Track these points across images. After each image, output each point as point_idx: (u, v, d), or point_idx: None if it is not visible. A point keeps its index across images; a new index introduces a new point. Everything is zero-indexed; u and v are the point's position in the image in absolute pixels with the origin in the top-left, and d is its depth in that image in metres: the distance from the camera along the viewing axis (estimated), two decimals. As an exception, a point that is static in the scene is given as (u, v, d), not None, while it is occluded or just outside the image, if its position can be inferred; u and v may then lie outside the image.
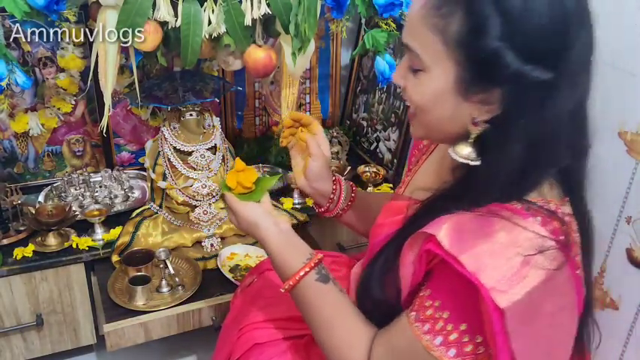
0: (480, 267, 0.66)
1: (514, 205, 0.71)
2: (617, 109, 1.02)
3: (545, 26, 0.64)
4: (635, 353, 1.04)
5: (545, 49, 0.65)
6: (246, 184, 0.91)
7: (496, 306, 0.65)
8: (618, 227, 1.04)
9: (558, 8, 0.64)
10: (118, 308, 1.28)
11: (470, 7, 0.65)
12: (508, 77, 0.65)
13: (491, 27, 0.64)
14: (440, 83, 0.71)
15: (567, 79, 0.67)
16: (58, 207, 1.44)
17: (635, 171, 1.00)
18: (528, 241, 0.68)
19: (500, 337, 0.66)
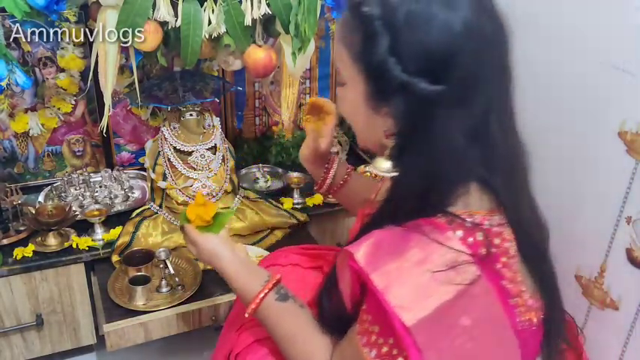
0: (388, 285, 0.69)
1: (438, 218, 0.73)
2: (617, 109, 1.02)
3: (429, 41, 0.68)
4: (635, 353, 1.04)
5: (431, 63, 0.68)
6: (205, 217, 0.96)
7: (402, 323, 0.67)
8: (618, 227, 1.04)
9: (443, 24, 0.68)
10: (118, 308, 1.28)
11: (365, 24, 0.71)
12: (398, 89, 0.70)
13: (380, 41, 0.69)
14: (353, 96, 0.77)
15: (458, 94, 0.69)
16: (58, 207, 1.44)
17: (635, 171, 1.00)
18: (441, 258, 0.70)
19: (412, 351, 0.68)
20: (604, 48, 1.04)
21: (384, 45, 0.69)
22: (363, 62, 0.73)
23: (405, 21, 0.68)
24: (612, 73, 1.02)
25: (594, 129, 1.07)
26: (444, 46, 0.68)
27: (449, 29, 0.68)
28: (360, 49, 0.73)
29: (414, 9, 0.68)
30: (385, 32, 0.69)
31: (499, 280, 0.74)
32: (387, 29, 0.69)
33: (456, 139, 0.71)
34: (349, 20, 0.75)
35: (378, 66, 0.70)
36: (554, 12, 1.14)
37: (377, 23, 0.70)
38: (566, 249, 1.17)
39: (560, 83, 1.14)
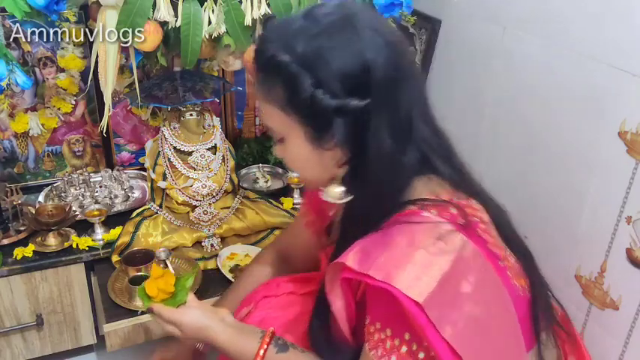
0: (389, 274, 0.71)
1: (411, 208, 0.78)
2: (617, 109, 1.02)
3: (344, 64, 0.73)
4: (635, 353, 1.04)
5: (353, 81, 0.74)
6: (168, 289, 0.90)
7: (413, 302, 0.69)
8: (618, 227, 1.04)
9: (350, 48, 0.74)
10: (118, 308, 1.28)
11: (282, 73, 0.76)
12: (334, 115, 0.75)
13: (302, 81, 0.74)
14: (297, 146, 0.81)
15: (383, 100, 0.75)
16: (58, 207, 1.44)
17: (635, 171, 1.00)
18: (426, 233, 0.74)
19: (429, 329, 0.69)
20: (604, 48, 1.04)
21: (307, 82, 0.74)
22: (294, 107, 0.77)
23: (316, 55, 0.74)
24: (612, 73, 1.02)
25: (594, 129, 1.07)
26: (358, 64, 0.73)
27: (357, 48, 0.74)
28: (287, 96, 0.77)
29: (319, 44, 0.74)
30: (303, 71, 0.74)
31: (484, 244, 0.77)
32: (303, 68, 0.74)
33: (391, 139, 0.76)
34: (265, 78, 0.79)
35: (309, 103, 0.74)
36: (554, 12, 1.14)
37: (293, 67, 0.74)
38: (566, 249, 1.17)
39: (561, 83, 1.14)
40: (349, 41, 0.74)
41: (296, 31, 0.76)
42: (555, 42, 1.15)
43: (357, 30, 0.75)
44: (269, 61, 0.77)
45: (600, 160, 1.07)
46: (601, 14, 1.04)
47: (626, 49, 0.99)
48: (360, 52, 0.74)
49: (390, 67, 0.75)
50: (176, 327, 0.90)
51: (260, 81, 0.81)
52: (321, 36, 0.74)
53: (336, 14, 0.77)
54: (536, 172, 1.24)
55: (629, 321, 1.04)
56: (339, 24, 0.76)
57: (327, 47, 0.74)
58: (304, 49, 0.74)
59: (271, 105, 0.80)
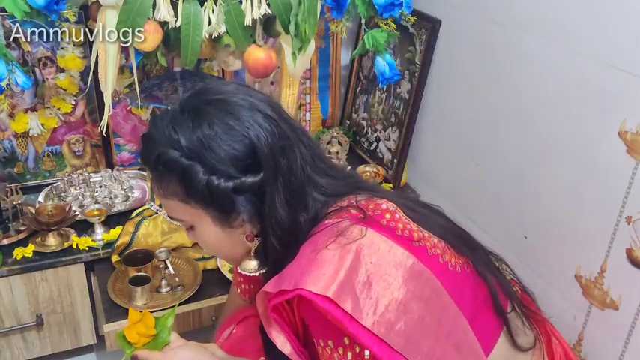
0: (298, 281, 0.73)
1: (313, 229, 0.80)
2: (617, 109, 1.02)
3: (231, 146, 0.77)
4: (635, 353, 1.04)
5: (243, 163, 0.77)
6: (148, 332, 0.88)
7: (324, 297, 0.70)
8: (618, 227, 1.04)
9: (230, 130, 0.77)
10: (118, 308, 1.28)
11: (173, 169, 0.78)
12: (234, 194, 0.78)
13: (195, 172, 0.77)
14: (207, 231, 0.83)
15: (273, 168, 0.78)
16: (58, 207, 1.44)
17: (635, 171, 1.00)
18: (325, 235, 0.76)
19: (347, 321, 0.70)
20: (604, 48, 1.04)
21: (200, 171, 0.76)
22: (194, 197, 0.79)
23: (201, 145, 0.76)
24: (612, 73, 1.02)
25: (594, 129, 1.07)
26: (243, 145, 0.77)
27: (236, 129, 0.77)
28: (184, 189, 0.79)
29: (201, 134, 0.77)
30: (193, 162, 0.77)
31: (392, 230, 0.79)
32: (192, 160, 0.77)
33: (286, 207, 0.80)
34: (158, 176, 0.81)
35: (206, 190, 0.77)
36: (554, 12, 1.14)
37: (182, 161, 0.77)
38: (566, 249, 1.17)
39: (561, 83, 1.14)
40: (228, 126, 0.77)
41: (177, 126, 0.78)
42: (555, 42, 1.15)
43: (232, 112, 0.78)
44: (158, 160, 0.79)
45: (600, 160, 1.07)
46: (601, 14, 1.04)
47: (626, 49, 0.99)
48: (241, 134, 0.77)
49: (274, 138, 0.78)
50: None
51: (154, 179, 0.82)
52: (202, 126, 0.77)
53: (208, 101, 0.80)
54: (536, 172, 1.24)
55: (629, 321, 1.04)
56: (213, 110, 0.78)
57: (210, 136, 0.76)
58: (189, 142, 0.77)
59: (171, 199, 0.82)
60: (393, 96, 1.75)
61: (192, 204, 0.80)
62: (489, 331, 0.83)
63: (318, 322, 0.76)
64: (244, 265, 0.87)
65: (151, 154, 0.80)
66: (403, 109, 1.69)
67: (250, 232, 0.84)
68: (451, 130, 1.54)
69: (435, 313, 0.75)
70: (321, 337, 0.77)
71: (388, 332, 0.70)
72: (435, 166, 1.65)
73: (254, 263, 0.86)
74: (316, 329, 0.77)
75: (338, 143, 1.82)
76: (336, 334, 0.74)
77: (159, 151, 0.79)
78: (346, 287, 0.71)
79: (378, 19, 1.33)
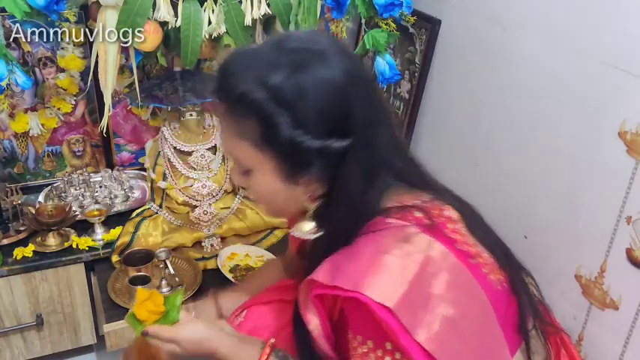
0: (357, 282, 0.70)
1: (375, 218, 0.77)
2: (617, 109, 1.02)
3: (325, 103, 0.72)
4: (635, 353, 1.04)
5: (333, 125, 0.73)
6: (157, 309, 0.88)
7: (383, 307, 0.68)
8: (618, 227, 1.04)
9: (330, 86, 0.72)
10: (118, 308, 1.28)
11: (256, 111, 0.72)
12: (315, 156, 0.73)
13: (279, 122, 0.71)
14: (267, 180, 0.78)
15: (361, 137, 0.74)
16: (58, 207, 1.44)
17: (635, 171, 1.00)
18: (390, 239, 0.73)
19: (402, 334, 0.68)
20: (604, 48, 1.04)
21: (286, 122, 0.71)
22: (269, 145, 0.74)
23: (295, 93, 0.70)
24: (612, 73, 1.02)
25: (594, 129, 1.07)
26: (338, 103, 0.72)
27: (336, 86, 0.72)
28: (261, 133, 0.73)
29: (297, 80, 0.70)
30: (281, 110, 0.71)
31: (453, 243, 0.76)
32: (282, 106, 0.71)
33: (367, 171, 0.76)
34: (235, 113, 0.75)
35: (287, 143, 0.72)
36: (554, 12, 1.14)
37: (270, 105, 0.71)
38: (566, 249, 1.17)
39: (561, 83, 1.14)
40: (328, 82, 0.72)
41: (269, 65, 0.72)
42: (555, 42, 1.15)
43: (332, 67, 0.72)
44: (241, 98, 0.72)
45: (600, 160, 1.07)
46: (601, 14, 1.04)
47: (626, 49, 0.99)
48: (341, 94, 0.72)
49: (369, 106, 0.75)
50: (176, 344, 0.87)
51: (228, 115, 0.76)
52: (298, 72, 0.71)
53: (309, 49, 0.73)
54: (536, 172, 1.24)
55: (629, 321, 1.04)
56: (314, 60, 0.72)
57: (306, 84, 0.71)
58: (281, 85, 0.71)
59: (241, 139, 0.76)
60: (393, 96, 1.75)
61: (264, 151, 0.75)
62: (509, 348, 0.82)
63: (364, 322, 0.73)
64: (300, 227, 0.84)
65: (233, 89, 0.73)
66: (403, 109, 1.69)
67: (313, 193, 0.79)
68: (451, 130, 1.54)
69: (484, 337, 0.75)
70: (361, 334, 0.75)
71: (439, 350, 0.69)
72: (434, 166, 1.64)
73: (310, 226, 0.82)
74: (358, 326, 0.75)
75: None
76: (380, 337, 0.72)
77: (245, 88, 0.72)
78: (407, 300, 0.69)
79: (378, 19, 1.33)
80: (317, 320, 0.77)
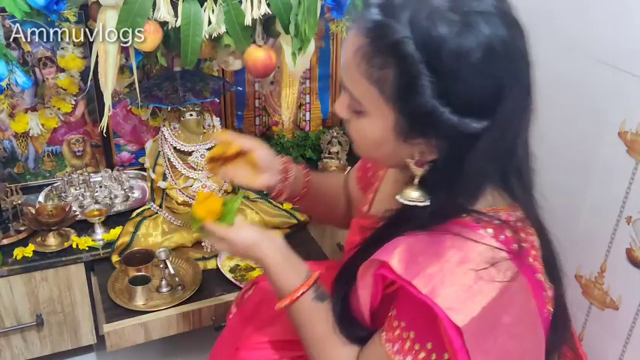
0: (434, 288, 0.67)
1: (464, 218, 0.72)
2: (617, 109, 1.02)
3: (477, 82, 0.65)
4: (635, 353, 1.04)
5: (479, 103, 0.66)
6: (215, 209, 0.90)
7: (453, 325, 0.66)
8: (618, 227, 1.04)
9: (490, 64, 0.65)
10: (118, 308, 1.28)
11: (401, 64, 0.65)
12: (445, 130, 0.67)
13: (424, 85, 0.64)
14: (379, 128, 0.72)
15: (500, 125, 0.68)
16: (58, 207, 1.44)
17: (635, 171, 1.00)
18: (480, 256, 0.69)
19: (461, 355, 0.67)
20: (604, 48, 1.04)
21: (431, 88, 0.64)
22: (400, 101, 0.67)
23: (453, 60, 0.63)
24: (612, 73, 1.02)
25: (594, 129, 1.07)
26: (492, 88, 0.65)
27: (499, 72, 0.65)
28: (398, 89, 0.67)
29: (461, 47, 0.63)
30: (431, 75, 0.64)
31: (533, 273, 0.74)
32: (432, 72, 0.64)
33: (488, 162, 0.70)
34: (377, 55, 0.67)
35: (420, 108, 0.66)
36: (554, 12, 1.14)
37: (419, 66, 0.64)
38: (566, 249, 1.17)
39: (561, 83, 1.14)
40: (489, 58, 0.64)
41: (436, 21, 0.63)
42: (555, 42, 1.15)
43: (501, 44, 0.64)
44: (393, 47, 0.65)
45: (600, 160, 1.07)
46: (601, 14, 1.04)
47: (626, 49, 0.99)
48: (498, 75, 0.65)
49: (522, 97, 0.69)
50: (228, 244, 0.88)
51: (365, 52, 0.68)
52: (465, 40, 0.63)
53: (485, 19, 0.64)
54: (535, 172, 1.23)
55: (629, 321, 1.04)
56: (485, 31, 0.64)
57: (467, 55, 0.63)
58: (442, 49, 0.63)
59: (368, 80, 0.68)
60: (393, 96, 1.74)
61: (391, 103, 0.68)
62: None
63: (416, 313, 0.72)
64: (407, 194, 0.76)
65: (388, 33, 0.65)
66: (403, 109, 1.69)
67: (422, 157, 0.73)
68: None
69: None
70: (405, 320, 0.73)
71: None
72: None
73: (417, 194, 0.75)
74: (406, 313, 0.73)
75: (338, 143, 1.82)
76: (425, 334, 0.71)
77: (401, 36, 0.64)
78: (476, 324, 0.67)
79: (378, 19, 1.33)
80: (369, 293, 0.76)
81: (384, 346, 0.75)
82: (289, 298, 0.84)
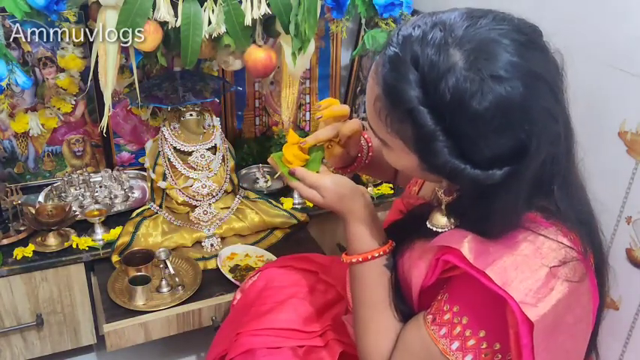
0: (507, 280, 0.67)
1: (533, 213, 0.71)
2: (617, 109, 1.02)
3: (496, 141, 0.63)
4: (635, 353, 1.04)
5: (501, 158, 0.64)
6: (303, 155, 0.87)
7: (525, 319, 0.66)
8: (618, 227, 1.04)
9: (507, 122, 0.62)
10: (118, 308, 1.28)
11: (417, 130, 0.64)
12: (469, 179, 0.65)
13: (440, 149, 0.64)
14: (406, 162, 0.71)
15: (529, 164, 0.65)
16: (58, 207, 1.44)
17: (635, 171, 1.00)
18: (552, 252, 0.69)
19: (527, 350, 0.67)
20: (604, 48, 1.04)
21: (448, 150, 0.63)
22: (419, 152, 0.67)
23: (468, 125, 0.62)
24: (612, 73, 1.02)
25: (594, 129, 1.07)
26: (514, 140, 0.63)
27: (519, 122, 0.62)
28: (414, 143, 0.66)
29: (474, 109, 0.60)
30: (446, 140, 0.63)
31: (594, 279, 0.74)
32: (448, 136, 0.63)
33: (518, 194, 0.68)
34: (392, 110, 0.66)
35: (442, 166, 0.65)
36: (553, 12, 1.14)
37: (436, 133, 0.63)
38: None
39: (560, 83, 1.14)
40: (513, 122, 0.61)
41: (452, 81, 0.61)
42: (555, 42, 1.15)
43: (527, 105, 0.61)
44: (407, 113, 0.64)
45: (600, 160, 1.07)
46: (601, 14, 1.04)
47: (626, 49, 0.99)
48: (521, 132, 0.62)
49: (550, 140, 0.65)
50: (319, 191, 0.85)
51: (384, 108, 0.68)
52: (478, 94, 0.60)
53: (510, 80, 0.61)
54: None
55: (629, 321, 1.04)
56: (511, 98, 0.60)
57: (485, 123, 0.61)
58: (458, 115, 0.61)
59: (390, 127, 0.68)
60: (393, 96, 1.74)
61: (410, 148, 0.68)
62: None
63: (475, 303, 0.72)
64: (435, 221, 0.77)
65: (400, 99, 0.64)
66: (403, 109, 1.69)
67: (449, 188, 0.75)
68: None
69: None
70: (459, 304, 0.72)
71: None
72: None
73: (444, 220, 0.77)
74: (465, 301, 0.72)
75: (338, 143, 1.82)
76: (479, 321, 0.71)
77: (414, 105, 0.63)
78: (545, 321, 0.67)
79: (378, 19, 1.33)
80: (423, 274, 0.76)
81: (430, 329, 0.74)
82: (362, 255, 0.83)
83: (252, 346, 0.96)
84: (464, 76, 0.60)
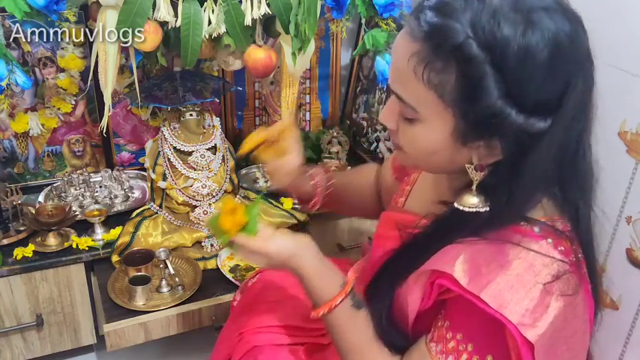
0: (504, 303, 0.66)
1: (523, 226, 0.70)
2: (617, 109, 1.02)
3: (544, 80, 0.63)
4: (635, 353, 1.04)
5: (546, 102, 0.64)
6: (242, 220, 0.84)
7: (525, 340, 0.65)
8: (618, 227, 1.04)
9: (557, 60, 0.63)
10: (118, 308, 1.28)
11: (465, 67, 0.63)
12: (509, 132, 0.65)
13: (490, 87, 0.62)
14: (436, 135, 0.69)
15: (564, 123, 0.66)
16: (58, 207, 1.44)
17: (635, 171, 1.00)
18: (545, 268, 0.68)
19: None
20: (604, 48, 1.04)
21: (496, 89, 0.62)
22: (460, 105, 0.65)
23: (520, 58, 0.61)
24: (612, 73, 1.02)
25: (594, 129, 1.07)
26: (559, 83, 0.64)
27: (565, 65, 0.64)
28: (461, 92, 0.64)
29: (527, 45, 0.61)
30: (497, 75, 0.62)
31: (587, 284, 0.73)
32: (498, 72, 0.62)
33: (550, 163, 0.68)
34: (436, 59, 0.64)
35: (487, 110, 0.63)
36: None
37: (486, 67, 0.62)
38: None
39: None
40: (556, 55, 0.62)
41: (501, 21, 0.61)
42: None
43: (567, 42, 0.63)
44: (455, 48, 0.62)
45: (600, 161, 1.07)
46: (600, 14, 1.04)
47: (626, 49, 0.99)
48: (564, 72, 0.64)
49: (585, 92, 0.66)
50: (262, 257, 0.83)
51: (422, 57, 0.65)
52: (530, 38, 0.61)
53: (550, 15, 0.63)
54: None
55: (629, 321, 1.04)
56: (551, 28, 0.62)
57: (533, 53, 0.61)
58: (507, 47, 0.61)
59: (426, 85, 0.66)
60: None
61: (449, 106, 0.66)
62: None
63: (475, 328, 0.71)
64: (465, 201, 0.72)
65: (448, 36, 0.63)
66: (403, 109, 1.69)
67: (481, 161, 0.70)
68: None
69: None
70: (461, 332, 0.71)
71: None
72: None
73: (476, 200, 0.72)
74: (466, 328, 0.71)
75: (338, 143, 1.82)
76: (486, 347, 0.70)
77: (464, 38, 0.61)
78: (544, 339, 0.66)
79: (378, 19, 1.33)
80: (419, 300, 0.74)
81: (435, 357, 0.73)
82: (327, 307, 0.81)
83: (257, 344, 0.96)
84: (514, 11, 0.62)
